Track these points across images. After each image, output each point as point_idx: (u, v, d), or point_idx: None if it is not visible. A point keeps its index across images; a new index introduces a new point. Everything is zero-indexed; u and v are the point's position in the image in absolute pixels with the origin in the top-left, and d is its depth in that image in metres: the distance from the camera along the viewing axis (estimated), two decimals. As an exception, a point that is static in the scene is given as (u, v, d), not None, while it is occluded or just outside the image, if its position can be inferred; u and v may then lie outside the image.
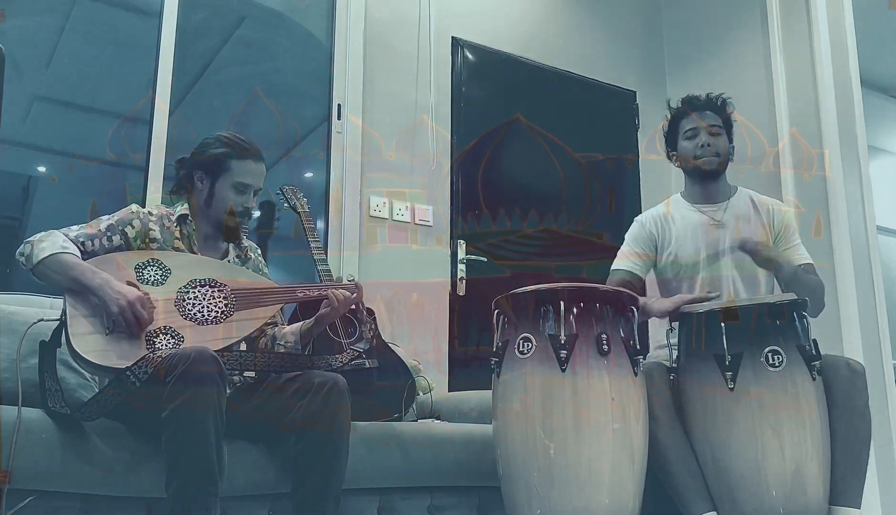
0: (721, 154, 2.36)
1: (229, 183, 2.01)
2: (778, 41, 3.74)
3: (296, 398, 1.83)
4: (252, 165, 2.03)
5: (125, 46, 3.20)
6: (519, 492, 1.83)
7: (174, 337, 1.78)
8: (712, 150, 2.34)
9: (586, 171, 3.97)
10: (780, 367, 1.89)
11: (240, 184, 2.01)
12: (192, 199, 2.05)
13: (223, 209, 2.02)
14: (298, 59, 3.69)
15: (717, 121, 2.37)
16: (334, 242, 3.25)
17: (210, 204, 2.02)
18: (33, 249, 1.77)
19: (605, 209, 3.91)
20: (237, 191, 2.01)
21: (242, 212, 2.03)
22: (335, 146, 3.37)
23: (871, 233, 3.42)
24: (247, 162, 2.02)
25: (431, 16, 3.65)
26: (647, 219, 2.46)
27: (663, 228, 2.41)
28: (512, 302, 1.95)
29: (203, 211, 2.04)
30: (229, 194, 2.01)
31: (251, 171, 2.02)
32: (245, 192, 2.02)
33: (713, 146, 2.34)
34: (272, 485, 1.90)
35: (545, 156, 3.87)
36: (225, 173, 2.01)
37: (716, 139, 2.34)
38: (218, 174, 2.01)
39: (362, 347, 2.12)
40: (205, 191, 2.03)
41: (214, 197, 2.02)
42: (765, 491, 1.84)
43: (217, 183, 2.01)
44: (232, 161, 2.01)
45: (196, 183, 2.04)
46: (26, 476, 1.60)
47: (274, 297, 1.96)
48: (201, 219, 2.05)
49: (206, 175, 2.02)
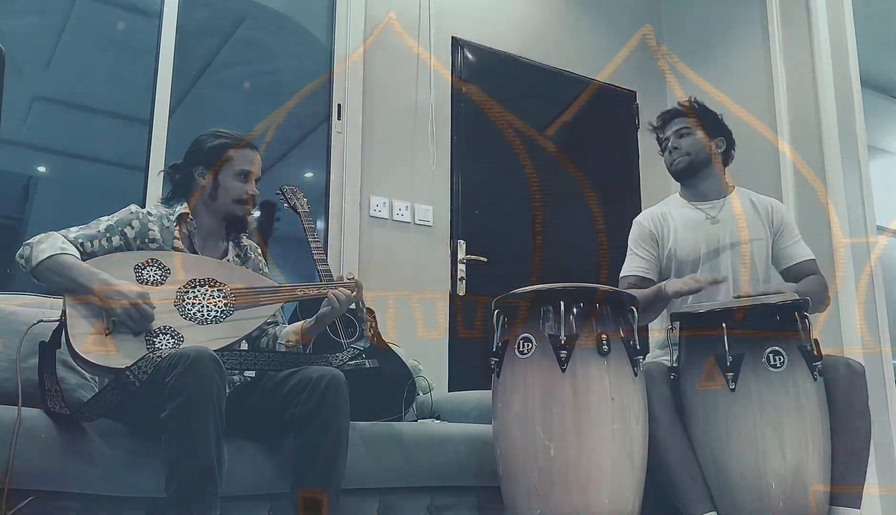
0: (692, 152, 2.41)
1: (231, 172, 2.04)
2: (778, 41, 3.74)
3: (294, 393, 1.83)
4: (250, 153, 2.07)
5: (125, 46, 3.20)
6: (519, 492, 1.83)
7: (174, 336, 1.78)
8: (681, 152, 2.42)
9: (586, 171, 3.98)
10: (782, 368, 1.89)
11: (242, 171, 2.04)
12: (193, 198, 2.06)
13: (230, 199, 2.04)
14: (298, 59, 3.69)
15: (682, 124, 2.44)
16: (334, 242, 3.25)
17: (215, 196, 2.04)
18: (33, 251, 1.78)
19: (605, 209, 3.90)
20: (241, 179, 2.04)
21: (249, 198, 2.06)
22: (335, 146, 3.37)
23: (871, 233, 3.42)
24: (245, 150, 2.06)
25: (431, 16, 3.65)
26: (646, 218, 2.48)
27: (662, 225, 2.43)
28: (512, 302, 1.95)
29: (207, 206, 2.05)
30: (233, 183, 2.04)
31: (250, 158, 2.06)
32: (248, 180, 2.05)
33: (680, 148, 2.42)
34: (272, 485, 1.89)
35: (546, 158, 3.87)
36: (226, 164, 2.03)
37: (683, 140, 2.42)
38: (219, 166, 2.03)
39: (362, 347, 2.12)
40: (208, 186, 2.04)
41: (219, 188, 2.04)
42: (765, 491, 1.84)
43: (219, 175, 2.04)
44: (230, 150, 2.04)
45: (196, 179, 2.05)
46: (26, 476, 1.60)
47: (274, 297, 1.96)
48: (204, 215, 2.05)
49: (206, 169, 2.04)
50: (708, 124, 2.43)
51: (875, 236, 3.44)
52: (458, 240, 3.49)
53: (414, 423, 2.47)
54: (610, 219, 3.87)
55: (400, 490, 2.16)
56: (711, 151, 2.42)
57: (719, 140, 2.44)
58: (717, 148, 2.43)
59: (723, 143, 2.44)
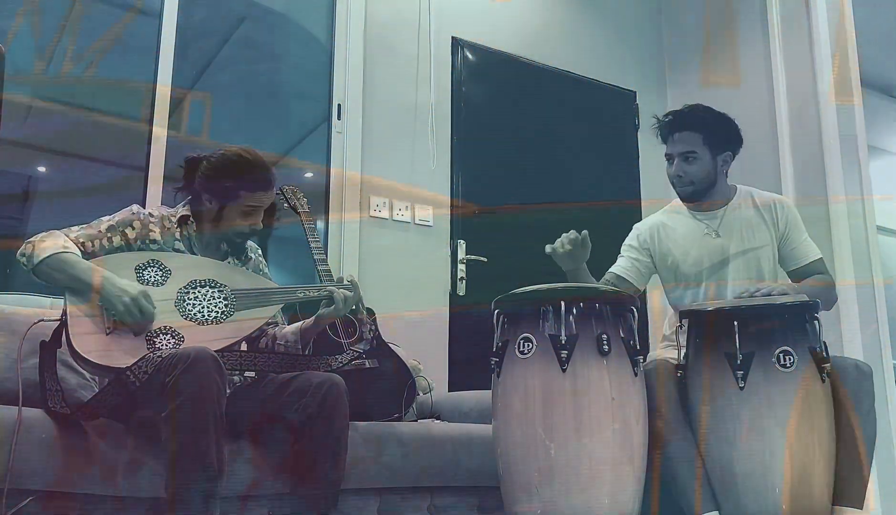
0: (696, 181, 2.31)
1: (238, 210, 2.00)
2: (778, 41, 3.74)
3: (294, 398, 1.83)
4: (262, 195, 2.01)
5: (125, 46, 3.20)
6: (519, 492, 1.83)
7: (174, 337, 1.78)
8: (685, 181, 2.32)
9: (586, 171, 3.97)
10: (791, 368, 1.88)
11: (249, 209, 2.00)
12: (198, 209, 2.04)
13: (230, 231, 2.01)
14: (298, 59, 3.69)
15: (688, 147, 2.29)
16: (334, 242, 3.25)
17: (218, 223, 2.01)
18: (34, 249, 1.77)
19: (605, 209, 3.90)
20: (245, 215, 2.01)
21: (250, 232, 2.03)
22: (335, 146, 3.37)
23: (871, 233, 3.42)
24: (257, 194, 2.00)
25: (431, 16, 3.65)
26: (643, 227, 2.47)
27: (659, 237, 2.41)
28: (512, 303, 1.95)
29: (210, 224, 2.03)
30: (237, 219, 2.00)
31: (260, 199, 2.01)
32: (253, 214, 2.01)
33: (685, 176, 2.32)
34: (272, 485, 1.89)
35: (546, 157, 3.87)
36: (234, 201, 1.99)
37: (689, 166, 2.30)
38: (227, 201, 1.99)
39: (362, 348, 2.12)
40: (213, 212, 2.01)
41: (223, 220, 2.01)
42: (770, 491, 1.84)
43: (225, 208, 2.00)
44: (241, 192, 1.99)
45: (204, 202, 2.02)
46: (26, 476, 1.61)
47: (274, 298, 1.96)
48: (206, 226, 2.04)
49: (214, 198, 2.00)
50: (715, 138, 2.31)
51: (875, 236, 3.44)
52: (458, 240, 3.49)
53: (414, 423, 2.47)
54: (610, 219, 3.86)
55: (400, 490, 2.16)
56: (717, 170, 2.33)
57: (727, 155, 2.35)
58: (723, 164, 2.35)
59: (730, 158, 2.36)
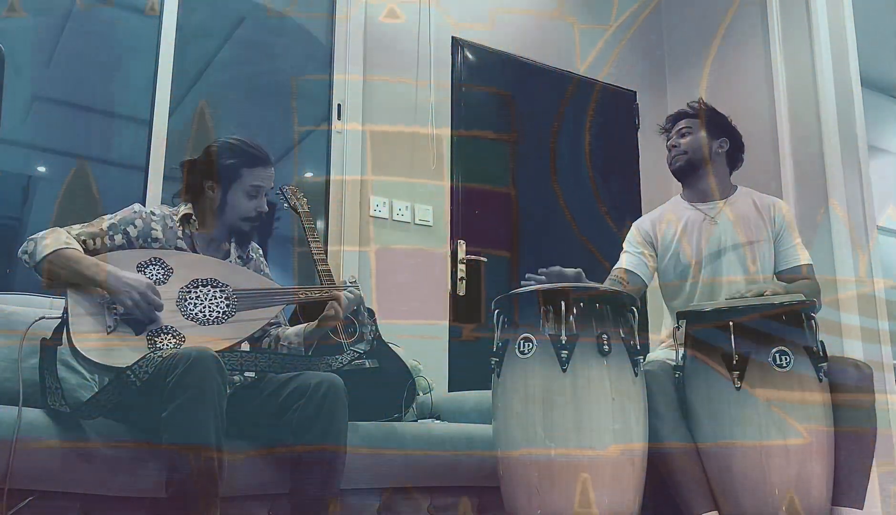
0: (689, 150, 2.41)
1: (242, 190, 2.02)
2: (778, 41, 3.74)
3: (293, 398, 1.83)
4: (262, 171, 2.04)
5: (125, 46, 3.20)
6: (519, 492, 1.83)
7: (175, 336, 1.78)
8: (679, 150, 2.44)
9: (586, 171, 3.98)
10: (788, 368, 1.88)
11: (252, 189, 2.02)
12: (201, 204, 2.05)
13: (237, 216, 2.03)
14: (298, 59, 3.69)
15: (685, 124, 2.45)
16: (334, 242, 3.25)
17: (223, 211, 2.03)
18: (37, 246, 1.77)
19: (605, 209, 3.90)
20: (250, 197, 2.03)
21: (256, 216, 2.04)
22: (335, 146, 3.37)
23: (871, 233, 3.42)
24: (257, 169, 2.03)
25: (431, 16, 3.65)
26: (644, 221, 2.50)
27: (659, 228, 2.43)
28: (512, 302, 1.95)
29: (215, 216, 2.04)
30: (243, 201, 2.02)
31: (262, 176, 2.04)
32: (257, 196, 2.03)
33: (679, 146, 2.44)
34: (272, 485, 1.90)
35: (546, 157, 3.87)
36: (236, 181, 2.01)
37: (683, 139, 2.43)
38: (229, 183, 2.01)
39: (362, 348, 2.13)
40: (216, 200, 2.03)
41: (227, 205, 2.02)
42: (768, 491, 1.84)
43: (229, 192, 2.02)
44: (243, 169, 2.01)
45: (206, 191, 2.04)
46: (26, 476, 1.61)
47: (275, 298, 1.96)
48: (210, 222, 2.05)
49: (216, 184, 2.02)
50: (712, 125, 2.43)
51: (875, 236, 3.44)
52: (458, 240, 3.49)
53: (414, 423, 2.47)
54: (610, 218, 3.87)
55: (400, 490, 2.16)
56: (711, 151, 2.41)
57: (722, 141, 2.43)
58: (718, 148, 2.42)
59: (725, 144, 2.43)
